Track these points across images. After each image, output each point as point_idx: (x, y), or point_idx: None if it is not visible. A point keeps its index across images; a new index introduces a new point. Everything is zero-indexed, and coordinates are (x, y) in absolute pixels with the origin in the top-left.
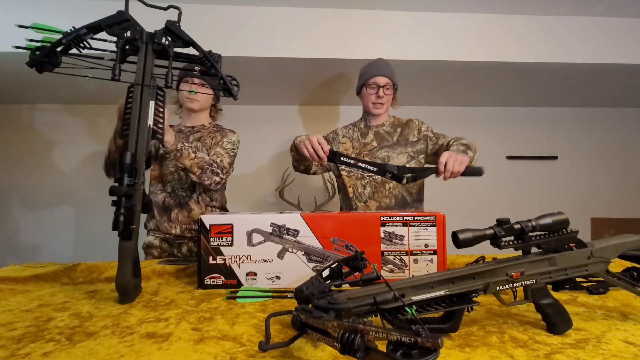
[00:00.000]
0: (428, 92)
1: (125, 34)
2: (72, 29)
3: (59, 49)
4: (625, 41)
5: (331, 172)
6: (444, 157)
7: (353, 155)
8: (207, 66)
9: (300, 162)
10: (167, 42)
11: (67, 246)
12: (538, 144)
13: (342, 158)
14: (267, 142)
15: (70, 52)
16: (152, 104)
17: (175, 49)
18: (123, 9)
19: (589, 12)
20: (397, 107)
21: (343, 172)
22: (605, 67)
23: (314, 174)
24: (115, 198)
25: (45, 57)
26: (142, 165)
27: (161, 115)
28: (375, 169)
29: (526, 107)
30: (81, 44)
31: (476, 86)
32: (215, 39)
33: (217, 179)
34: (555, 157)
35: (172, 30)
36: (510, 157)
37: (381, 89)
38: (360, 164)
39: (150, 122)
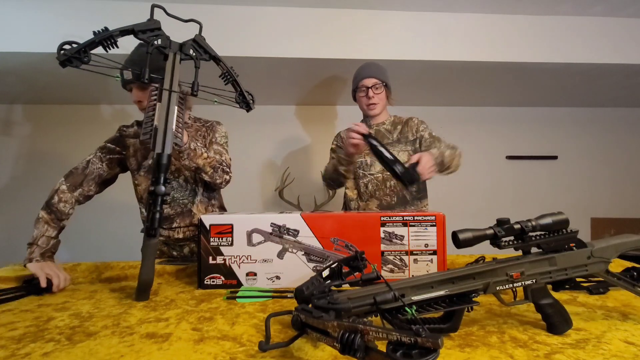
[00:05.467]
0: (428, 92)
1: (155, 42)
2: (104, 29)
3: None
4: (625, 41)
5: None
6: (425, 158)
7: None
8: (228, 80)
9: (335, 180)
10: (194, 54)
11: (67, 246)
12: (538, 144)
13: (369, 139)
14: (267, 142)
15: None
16: (175, 109)
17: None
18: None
19: (588, 12)
20: (394, 104)
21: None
22: (605, 67)
23: (343, 184)
24: (153, 197)
25: (76, 53)
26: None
27: (181, 120)
28: (391, 157)
29: (526, 107)
30: (110, 45)
31: (476, 86)
32: (215, 39)
33: (227, 177)
34: (555, 157)
35: (200, 44)
36: (510, 157)
37: (370, 90)
38: (383, 149)
39: (174, 126)
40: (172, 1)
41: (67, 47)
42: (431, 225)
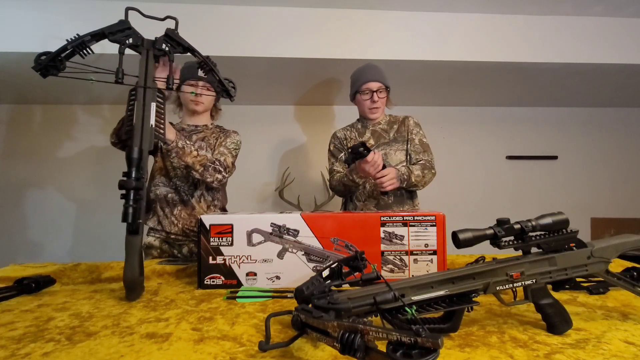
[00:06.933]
0: (428, 92)
1: (127, 41)
2: (77, 36)
3: (63, 54)
4: (624, 41)
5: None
6: (389, 172)
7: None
8: (206, 70)
9: (347, 193)
10: (167, 48)
11: (68, 246)
12: (538, 144)
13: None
14: (267, 142)
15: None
16: (153, 105)
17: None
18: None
19: (588, 12)
20: (391, 107)
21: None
22: (605, 67)
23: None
24: (124, 191)
25: (51, 61)
26: (146, 163)
27: (162, 116)
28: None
29: (526, 107)
30: (84, 50)
31: (476, 86)
32: (215, 39)
33: (220, 176)
34: (555, 157)
35: (172, 37)
36: (510, 157)
37: (375, 93)
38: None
39: (152, 122)
40: (171, 2)
41: (43, 57)
42: (431, 225)
